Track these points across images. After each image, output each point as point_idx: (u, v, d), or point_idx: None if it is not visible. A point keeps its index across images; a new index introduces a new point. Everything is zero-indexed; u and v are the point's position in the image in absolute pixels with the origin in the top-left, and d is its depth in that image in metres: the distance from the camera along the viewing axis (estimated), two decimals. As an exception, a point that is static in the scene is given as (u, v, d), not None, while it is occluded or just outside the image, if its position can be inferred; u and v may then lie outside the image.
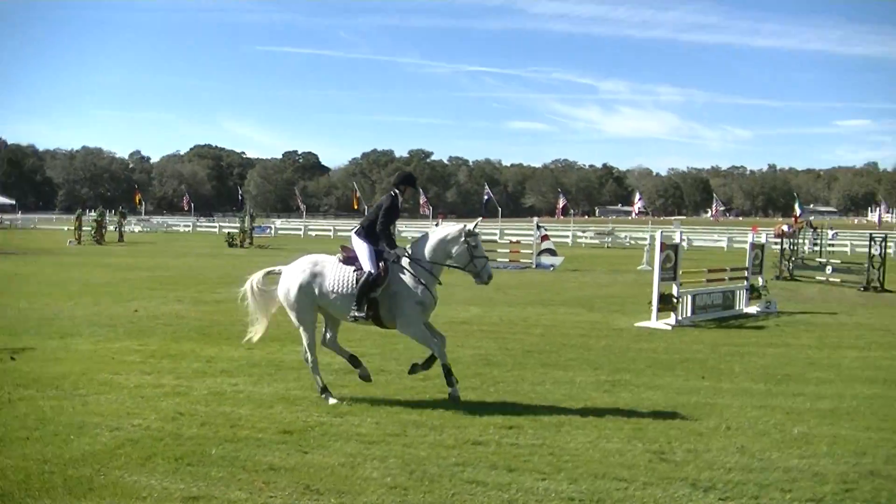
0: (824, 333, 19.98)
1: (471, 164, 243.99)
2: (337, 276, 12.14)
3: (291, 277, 12.33)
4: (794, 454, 9.72)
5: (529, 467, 8.94)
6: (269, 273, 13.01)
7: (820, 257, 44.04)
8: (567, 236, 74.54)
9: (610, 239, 75.80)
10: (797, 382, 14.04)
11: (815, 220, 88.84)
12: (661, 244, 21.23)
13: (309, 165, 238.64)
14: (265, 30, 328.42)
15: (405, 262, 12.06)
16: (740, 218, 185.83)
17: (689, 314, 21.58)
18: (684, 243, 44.95)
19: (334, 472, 8.68)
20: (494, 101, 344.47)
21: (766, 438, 10.39)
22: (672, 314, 21.00)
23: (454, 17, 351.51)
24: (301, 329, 12.29)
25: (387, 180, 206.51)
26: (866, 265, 33.52)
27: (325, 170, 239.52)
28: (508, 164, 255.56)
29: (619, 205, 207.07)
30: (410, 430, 10.43)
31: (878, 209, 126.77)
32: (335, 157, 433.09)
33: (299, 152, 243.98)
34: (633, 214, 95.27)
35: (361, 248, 12.13)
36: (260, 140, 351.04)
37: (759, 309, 24.22)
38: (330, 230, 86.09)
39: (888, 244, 36.92)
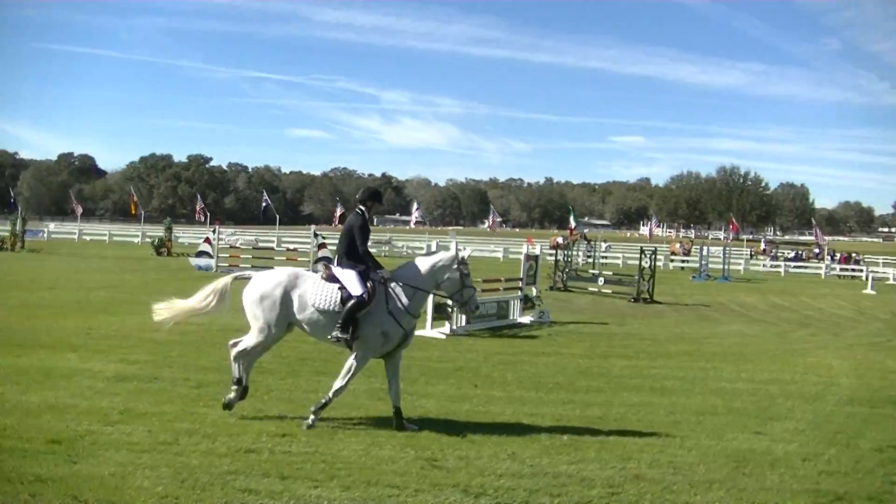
0: (595, 343, 20.62)
1: (250, 170, 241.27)
2: (320, 291, 11.54)
3: (267, 284, 11.62)
4: (563, 460, 9.97)
5: (302, 475, 8.86)
6: (237, 277, 12.34)
7: (593, 269, 45.54)
8: (346, 245, 74.49)
9: (388, 248, 76.23)
10: (567, 390, 14.43)
11: (590, 232, 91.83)
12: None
13: (85, 168, 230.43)
14: (41, 26, 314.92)
15: (392, 286, 11.58)
16: (517, 229, 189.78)
17: (463, 323, 21.85)
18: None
19: (104, 483, 8.38)
20: (276, 107, 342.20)
21: (536, 445, 10.61)
22: (447, 323, 21.22)
23: (238, 21, 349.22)
24: (254, 338, 11.59)
25: (165, 185, 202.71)
26: (637, 277, 34.78)
27: (102, 173, 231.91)
28: (288, 172, 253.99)
29: (398, 214, 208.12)
30: (183, 438, 10.18)
31: (649, 223, 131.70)
32: (112, 160, 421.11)
33: (75, 154, 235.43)
34: (411, 224, 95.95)
35: (347, 275, 11.57)
36: (34, 141, 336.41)
37: (532, 319, 24.77)
38: (105, 234, 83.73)
39: (657, 257, 38.37)
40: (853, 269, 72.44)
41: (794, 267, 76.68)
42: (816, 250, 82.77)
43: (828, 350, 21.57)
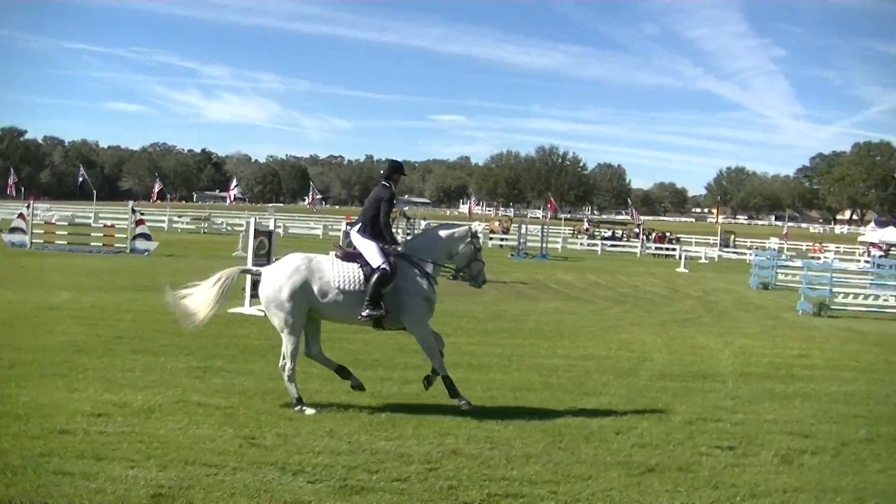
0: (413, 320, 20.75)
1: (66, 144, 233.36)
2: (340, 272, 11.46)
3: (283, 275, 11.40)
4: (381, 436, 10.09)
5: (118, 455, 8.73)
6: (244, 272, 12.15)
7: (411, 247, 45.66)
8: (163, 221, 73.50)
9: (206, 225, 75.30)
10: (386, 367, 14.60)
11: (410, 210, 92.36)
12: (255, 231, 21.33)
13: None
14: None
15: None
16: (337, 207, 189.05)
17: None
18: (280, 230, 45.36)
19: None
20: (94, 80, 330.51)
21: (354, 422, 10.70)
22: (266, 300, 21.06)
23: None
24: (285, 333, 11.46)
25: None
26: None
27: None
28: (106, 146, 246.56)
29: (218, 191, 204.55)
30: (-8, 420, 9.91)
31: (469, 201, 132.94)
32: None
33: None
34: (228, 201, 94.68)
35: (367, 245, 11.61)
36: None
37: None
38: None
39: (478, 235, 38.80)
40: (667, 249, 74.71)
41: (611, 246, 78.60)
42: (636, 230, 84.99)
43: (642, 326, 22.26)
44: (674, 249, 72.28)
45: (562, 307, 27.28)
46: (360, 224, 11.94)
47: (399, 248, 11.86)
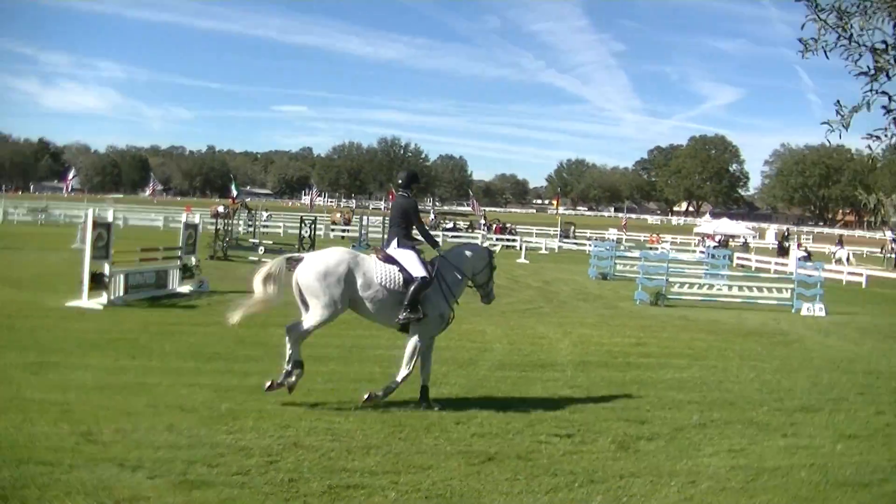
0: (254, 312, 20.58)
1: None
2: (381, 270, 11.87)
3: (329, 261, 11.72)
4: (221, 430, 10.04)
5: (-52, 456, 8.49)
6: (290, 258, 12.01)
7: (254, 238, 45.50)
8: (-2, 212, 71.21)
9: (44, 216, 73.26)
10: (226, 360, 14.50)
11: (251, 201, 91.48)
12: (94, 222, 20.88)
13: None
14: None
15: (442, 270, 12.25)
16: (178, 198, 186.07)
17: (121, 293, 21.45)
18: (119, 222, 44.52)
19: None
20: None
21: (194, 416, 10.61)
22: (104, 293, 20.70)
23: None
24: (318, 316, 11.66)
25: None
26: (297, 246, 35.09)
27: None
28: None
29: (56, 181, 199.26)
30: None
31: (311, 192, 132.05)
32: None
33: None
34: (65, 191, 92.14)
35: (407, 255, 12.05)
36: None
37: (191, 288, 24.56)
38: None
39: (318, 226, 38.84)
40: (508, 239, 75.38)
41: (452, 237, 78.97)
42: (483, 221, 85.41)
43: (482, 317, 22.40)
44: (514, 240, 72.98)
45: (404, 298, 27.18)
46: (395, 239, 12.30)
47: (440, 251, 12.58)
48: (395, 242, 12.24)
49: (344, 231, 71.07)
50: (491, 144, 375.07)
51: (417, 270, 11.89)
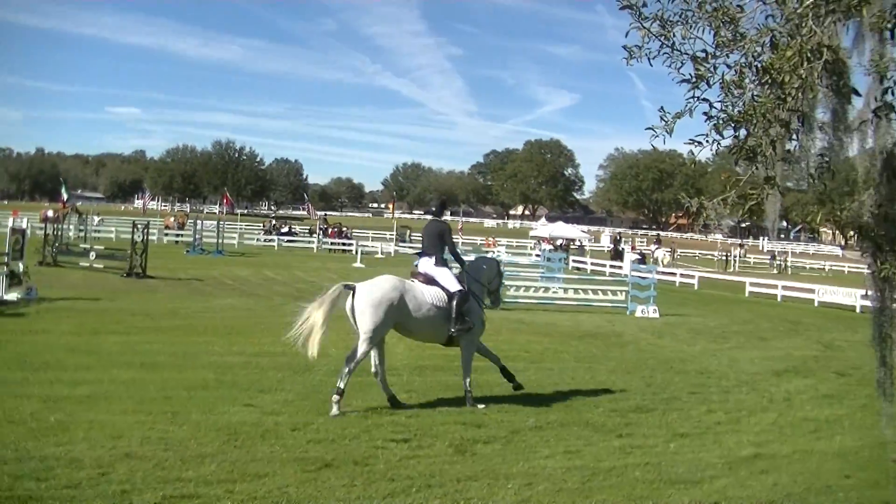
0: (85, 319, 20.16)
1: None
2: (430, 292, 13.01)
3: (381, 291, 12.65)
4: (50, 442, 9.76)
5: None
6: (346, 287, 12.93)
7: (85, 243, 44.41)
8: None
9: None
10: (56, 369, 14.06)
11: (82, 205, 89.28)
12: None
13: None
14: None
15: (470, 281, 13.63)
16: (6, 202, 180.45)
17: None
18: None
19: None
20: None
21: (21, 428, 10.29)
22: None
23: None
24: (366, 341, 12.51)
25: None
26: (129, 251, 34.34)
27: None
28: None
29: None
30: None
31: (143, 196, 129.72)
32: None
33: None
34: None
35: (442, 273, 13.32)
36: None
37: (19, 296, 23.79)
38: None
39: (151, 231, 38.14)
40: (343, 244, 75.31)
41: (287, 241, 78.45)
42: (324, 225, 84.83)
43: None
44: (350, 244, 72.96)
45: (237, 304, 27.03)
46: (431, 257, 13.57)
47: (466, 269, 13.88)
48: (431, 261, 13.49)
49: (178, 236, 69.88)
50: (327, 148, 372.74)
51: (454, 285, 13.18)
